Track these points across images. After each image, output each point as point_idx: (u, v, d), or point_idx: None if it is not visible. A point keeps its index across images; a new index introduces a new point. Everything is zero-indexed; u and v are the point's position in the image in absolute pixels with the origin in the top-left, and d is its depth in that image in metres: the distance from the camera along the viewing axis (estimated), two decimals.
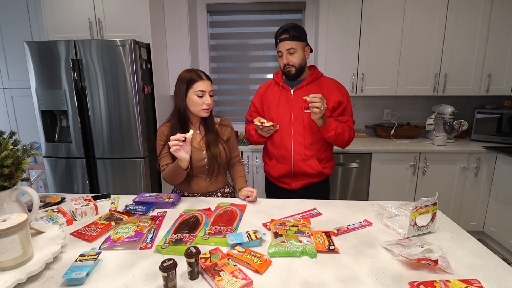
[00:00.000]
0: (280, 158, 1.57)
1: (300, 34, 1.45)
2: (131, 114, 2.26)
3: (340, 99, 1.51)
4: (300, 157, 1.52)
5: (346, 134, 1.49)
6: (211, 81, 1.40)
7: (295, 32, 1.43)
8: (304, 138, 1.50)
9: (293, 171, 1.55)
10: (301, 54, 1.46)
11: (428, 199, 1.01)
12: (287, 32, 1.43)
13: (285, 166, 1.56)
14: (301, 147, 1.51)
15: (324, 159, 1.57)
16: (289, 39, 1.43)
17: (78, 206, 1.20)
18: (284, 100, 1.54)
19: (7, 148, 0.93)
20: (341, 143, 1.52)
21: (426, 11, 2.47)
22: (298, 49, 1.45)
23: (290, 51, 1.44)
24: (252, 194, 1.34)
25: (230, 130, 1.52)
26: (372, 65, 2.59)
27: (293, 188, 1.60)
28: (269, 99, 1.59)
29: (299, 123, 1.50)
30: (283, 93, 1.55)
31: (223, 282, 0.76)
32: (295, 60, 1.46)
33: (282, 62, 1.49)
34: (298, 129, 1.51)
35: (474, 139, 2.67)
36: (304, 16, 2.88)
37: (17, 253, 0.80)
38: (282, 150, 1.55)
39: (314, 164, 1.52)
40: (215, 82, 3.05)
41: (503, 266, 0.86)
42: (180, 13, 2.60)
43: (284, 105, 1.53)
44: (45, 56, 2.21)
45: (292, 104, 1.52)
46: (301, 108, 1.49)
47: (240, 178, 1.51)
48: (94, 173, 2.39)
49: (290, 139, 1.52)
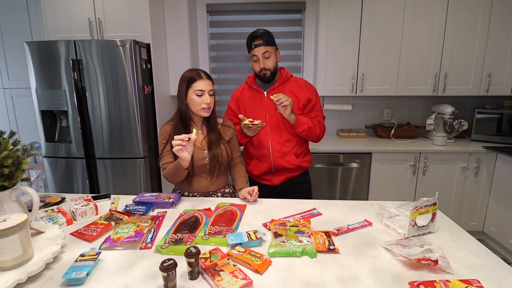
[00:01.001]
0: (260, 157, 1.65)
1: (272, 39, 1.55)
2: (131, 114, 2.26)
3: (309, 96, 1.61)
4: (278, 154, 1.61)
5: (317, 129, 1.60)
6: (211, 81, 1.40)
7: (268, 37, 1.53)
8: (280, 136, 1.61)
9: (273, 168, 1.64)
10: (274, 57, 1.56)
11: (428, 199, 1.01)
12: (261, 38, 1.51)
13: (265, 164, 1.65)
14: (278, 145, 1.61)
15: (301, 154, 1.67)
16: (263, 45, 1.51)
17: (78, 206, 1.20)
18: (258, 103, 1.63)
19: (7, 148, 0.93)
20: (313, 137, 1.63)
21: (426, 11, 2.47)
22: (272, 53, 1.54)
23: (265, 55, 1.52)
24: (252, 193, 1.34)
25: (232, 131, 1.53)
26: (372, 65, 2.59)
27: (275, 184, 1.68)
28: (244, 103, 1.66)
29: (274, 123, 1.60)
30: (257, 96, 1.64)
31: (223, 282, 0.76)
32: (270, 64, 1.54)
33: (258, 66, 1.56)
34: (274, 128, 1.60)
35: (474, 139, 2.67)
36: (304, 16, 2.88)
37: (17, 253, 0.80)
38: (261, 149, 1.64)
39: (292, 159, 1.62)
40: (215, 82, 3.02)
41: (503, 266, 0.86)
42: (180, 13, 2.60)
43: (258, 107, 1.62)
44: (45, 56, 2.21)
45: (266, 105, 1.61)
46: (275, 109, 1.58)
47: (240, 178, 1.52)
48: (94, 173, 2.39)
49: (267, 138, 1.61)
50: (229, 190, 1.54)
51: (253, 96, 1.64)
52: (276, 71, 1.60)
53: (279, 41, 1.67)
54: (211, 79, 1.40)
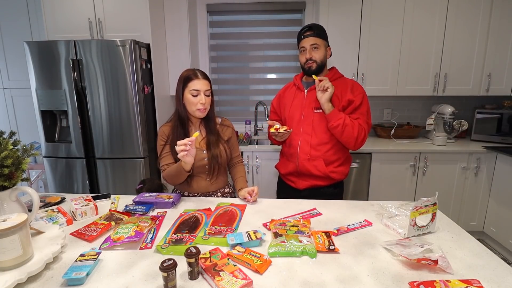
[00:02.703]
0: (289, 156, 1.61)
1: (323, 32, 1.51)
2: (131, 114, 2.26)
3: (350, 98, 1.48)
4: (305, 156, 1.53)
5: (355, 130, 1.43)
6: (208, 81, 1.38)
7: (319, 30, 1.49)
8: (312, 138, 1.52)
9: (298, 170, 1.57)
10: (323, 51, 1.51)
11: (428, 199, 1.01)
12: (311, 29, 1.49)
13: (291, 164, 1.59)
14: (307, 146, 1.52)
15: (334, 163, 1.54)
16: (313, 36, 1.47)
17: (78, 206, 1.20)
18: (298, 100, 1.58)
19: (7, 148, 0.93)
20: (349, 139, 1.45)
21: (426, 11, 2.47)
22: (321, 46, 1.49)
23: (313, 46, 1.48)
24: (252, 193, 1.33)
25: (231, 130, 1.53)
26: (372, 65, 2.59)
27: (299, 188, 1.60)
28: (285, 100, 1.64)
29: (308, 123, 1.52)
30: (298, 94, 1.59)
31: (223, 282, 0.76)
32: (317, 56, 1.48)
33: (304, 57, 1.51)
34: (307, 128, 1.53)
35: (474, 139, 2.67)
36: (304, 16, 2.88)
37: (17, 253, 0.80)
38: (290, 148, 1.58)
39: (319, 165, 1.52)
40: (215, 82, 3.05)
41: (503, 266, 0.86)
42: (180, 13, 2.60)
43: (296, 105, 1.57)
44: (45, 56, 2.21)
45: (304, 104, 1.55)
46: (312, 108, 1.52)
47: (240, 178, 1.51)
48: (94, 173, 2.39)
49: (298, 138, 1.55)
50: (229, 190, 1.54)
51: (294, 93, 1.60)
52: (323, 66, 1.52)
53: (279, 41, 1.67)
54: (207, 79, 1.38)
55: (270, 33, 2.93)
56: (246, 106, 3.09)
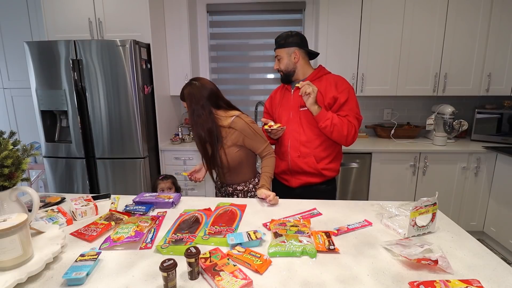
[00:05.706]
0: (280, 155, 1.64)
1: (285, 41, 1.55)
2: (131, 114, 2.26)
3: (335, 94, 1.48)
4: (296, 153, 1.56)
5: (344, 129, 1.44)
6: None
7: (281, 40, 1.56)
8: (300, 135, 1.55)
9: (290, 168, 1.60)
10: (286, 59, 1.56)
11: (428, 199, 1.01)
12: (276, 41, 1.58)
13: (283, 162, 1.62)
14: (297, 144, 1.56)
15: (324, 159, 1.55)
16: (276, 48, 1.57)
17: (78, 206, 1.20)
18: (285, 100, 1.63)
19: (7, 148, 0.93)
20: (340, 137, 1.47)
21: (426, 11, 2.47)
22: (283, 55, 1.56)
23: (277, 57, 1.58)
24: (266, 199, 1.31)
25: (238, 134, 1.42)
26: (372, 65, 2.59)
27: (292, 186, 1.63)
28: (275, 100, 1.70)
29: (296, 121, 1.57)
30: (285, 94, 1.65)
31: (223, 282, 0.76)
32: (281, 66, 1.58)
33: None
34: (295, 126, 1.57)
35: (474, 139, 2.67)
36: (304, 16, 2.88)
37: (17, 253, 0.80)
38: (281, 147, 1.62)
39: (310, 162, 1.55)
40: (215, 82, 3.04)
41: (503, 266, 0.86)
42: (180, 13, 2.60)
43: (284, 105, 1.62)
44: (45, 56, 2.21)
45: (291, 103, 1.59)
46: (299, 107, 1.55)
47: (264, 174, 1.46)
48: (94, 173, 2.39)
49: (287, 136, 1.59)
50: (242, 188, 1.53)
51: (283, 94, 1.66)
52: (290, 73, 1.58)
53: None
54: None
55: (270, 33, 2.93)
56: (246, 106, 3.09)
